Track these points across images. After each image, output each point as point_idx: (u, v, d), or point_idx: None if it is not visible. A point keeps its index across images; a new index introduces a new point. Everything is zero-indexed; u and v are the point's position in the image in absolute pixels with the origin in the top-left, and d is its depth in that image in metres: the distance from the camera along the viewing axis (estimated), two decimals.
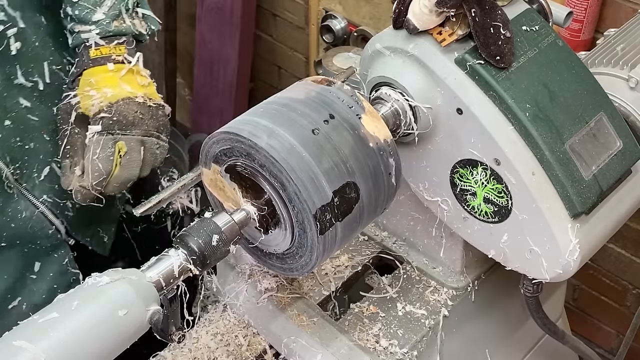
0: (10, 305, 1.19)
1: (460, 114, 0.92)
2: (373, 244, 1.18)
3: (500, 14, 0.90)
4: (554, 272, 0.93)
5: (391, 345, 1.03)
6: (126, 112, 1.08)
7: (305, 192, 0.81)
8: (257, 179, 0.85)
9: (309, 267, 0.87)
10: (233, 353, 1.07)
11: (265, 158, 0.82)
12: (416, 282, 1.12)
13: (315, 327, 1.03)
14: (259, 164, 0.83)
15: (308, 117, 0.84)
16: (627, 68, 1.08)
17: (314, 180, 0.81)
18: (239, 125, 0.85)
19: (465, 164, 0.94)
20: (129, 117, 1.08)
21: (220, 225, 0.83)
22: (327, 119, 0.85)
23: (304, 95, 0.87)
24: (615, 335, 2.14)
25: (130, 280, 0.76)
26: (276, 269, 0.93)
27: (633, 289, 2.01)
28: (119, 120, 1.08)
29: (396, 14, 0.93)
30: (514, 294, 1.10)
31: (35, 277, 1.21)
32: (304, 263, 0.87)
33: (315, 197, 0.81)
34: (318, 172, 0.81)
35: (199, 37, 2.61)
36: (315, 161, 0.82)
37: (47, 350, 0.70)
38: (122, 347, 0.76)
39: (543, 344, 1.31)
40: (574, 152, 0.91)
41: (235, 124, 0.86)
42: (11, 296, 1.19)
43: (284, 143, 0.81)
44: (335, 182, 0.83)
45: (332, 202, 0.82)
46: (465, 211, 0.98)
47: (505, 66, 0.90)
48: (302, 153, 0.81)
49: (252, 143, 0.82)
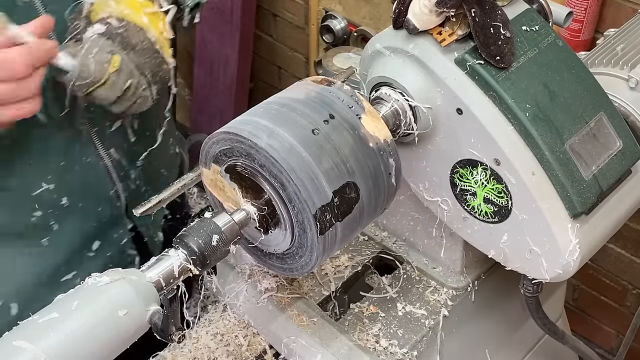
0: (63, 278, 1.19)
1: (460, 114, 0.92)
2: (373, 244, 1.18)
3: (500, 14, 0.90)
4: (554, 272, 0.93)
5: (391, 345, 1.03)
6: (133, 36, 1.02)
7: (305, 192, 0.81)
8: (257, 179, 0.85)
9: (309, 267, 0.87)
10: (233, 353, 1.07)
11: (265, 158, 0.82)
12: (416, 282, 1.12)
13: (315, 327, 1.03)
14: (259, 164, 0.83)
15: (308, 117, 0.84)
16: (627, 68, 1.08)
17: (314, 180, 0.81)
18: (239, 125, 0.85)
19: (465, 164, 0.94)
20: (133, 41, 1.02)
21: (220, 225, 0.83)
22: (327, 119, 0.85)
23: (304, 95, 0.87)
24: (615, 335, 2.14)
25: (130, 280, 0.76)
26: (276, 269, 0.93)
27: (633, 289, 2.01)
28: (124, 38, 1.02)
29: (396, 14, 0.93)
30: (514, 294, 1.10)
31: (92, 255, 1.21)
32: (304, 263, 0.87)
33: (315, 197, 0.81)
34: (318, 172, 0.81)
35: (199, 37, 2.61)
36: (315, 161, 0.82)
37: (47, 350, 0.70)
38: (122, 347, 0.76)
39: (543, 344, 1.31)
40: (574, 152, 0.91)
41: (235, 124, 0.86)
42: (66, 269, 1.19)
43: (283, 143, 0.81)
44: (335, 182, 0.83)
45: (332, 202, 0.82)
46: (465, 211, 0.98)
47: (505, 66, 0.90)
48: (302, 153, 0.81)
49: (252, 143, 0.82)
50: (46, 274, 1.17)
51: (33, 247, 1.15)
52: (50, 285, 1.17)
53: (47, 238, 1.15)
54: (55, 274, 1.18)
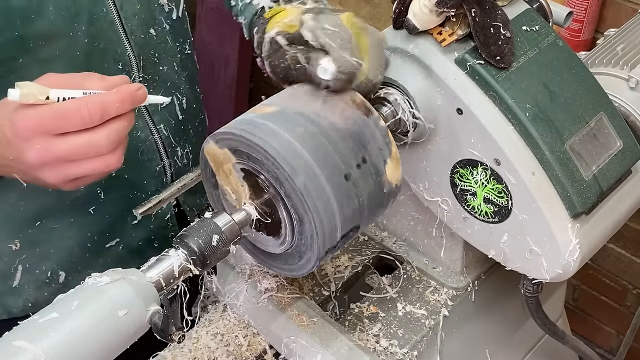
0: (107, 245, 1.19)
1: (460, 114, 0.92)
2: (373, 244, 1.18)
3: (500, 14, 0.90)
4: (554, 272, 0.93)
5: (391, 345, 1.03)
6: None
7: (322, 240, 0.82)
8: (260, 178, 0.84)
9: (309, 267, 0.87)
10: (233, 353, 1.07)
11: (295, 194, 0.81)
12: (416, 282, 1.12)
13: (315, 327, 1.03)
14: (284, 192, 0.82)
15: (344, 156, 0.83)
16: (627, 68, 1.08)
17: (332, 227, 0.83)
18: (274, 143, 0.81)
19: (465, 164, 0.94)
20: None
21: (220, 226, 0.83)
22: (360, 162, 0.84)
23: (342, 123, 0.85)
24: (615, 335, 2.14)
25: (130, 280, 0.76)
26: (276, 269, 0.93)
27: (633, 289, 2.02)
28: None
29: (396, 14, 0.93)
30: (514, 294, 1.10)
31: (135, 223, 1.21)
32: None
33: (327, 242, 0.83)
34: (338, 220, 0.83)
35: (199, 37, 2.61)
36: (339, 209, 0.82)
37: (47, 350, 0.70)
38: (122, 347, 0.76)
39: (543, 344, 1.31)
40: (574, 152, 0.91)
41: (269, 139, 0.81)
42: (109, 235, 1.19)
43: (318, 188, 0.81)
44: (346, 227, 0.85)
45: (337, 245, 0.85)
46: (465, 211, 0.98)
47: (505, 66, 0.90)
48: (331, 200, 0.81)
49: (288, 177, 0.80)
50: (91, 241, 1.18)
51: (80, 217, 1.15)
52: (95, 252, 1.18)
53: (93, 207, 1.14)
54: (99, 241, 1.18)
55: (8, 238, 1.10)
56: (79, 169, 0.82)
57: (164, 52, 1.16)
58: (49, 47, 0.98)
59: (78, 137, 0.80)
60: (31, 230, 1.10)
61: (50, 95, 0.80)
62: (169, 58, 1.17)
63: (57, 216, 1.12)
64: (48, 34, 0.97)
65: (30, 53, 0.97)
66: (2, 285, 1.13)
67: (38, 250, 1.13)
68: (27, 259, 1.12)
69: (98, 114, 0.79)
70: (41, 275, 1.15)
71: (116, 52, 1.06)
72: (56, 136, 0.79)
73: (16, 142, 0.81)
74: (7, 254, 1.11)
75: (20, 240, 1.10)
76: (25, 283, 1.14)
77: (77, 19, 0.99)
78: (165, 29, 1.15)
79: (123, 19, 1.05)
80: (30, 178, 0.85)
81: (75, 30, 0.99)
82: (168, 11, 1.15)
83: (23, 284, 1.14)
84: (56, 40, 0.98)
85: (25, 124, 0.79)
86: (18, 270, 1.12)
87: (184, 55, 1.22)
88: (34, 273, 1.14)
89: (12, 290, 1.14)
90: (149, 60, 1.12)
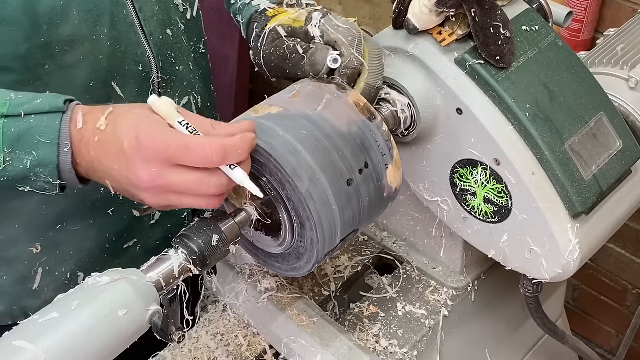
0: (125, 245, 1.19)
1: (460, 114, 0.92)
2: (373, 244, 1.18)
3: (500, 14, 0.90)
4: (554, 272, 0.93)
5: (391, 345, 1.03)
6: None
7: (322, 244, 0.83)
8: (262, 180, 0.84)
9: (307, 268, 0.87)
10: (233, 353, 1.07)
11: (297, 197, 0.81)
12: (416, 282, 1.12)
13: (315, 327, 1.03)
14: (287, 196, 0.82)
15: (347, 161, 0.83)
16: (627, 68, 1.08)
17: (332, 231, 0.83)
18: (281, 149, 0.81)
19: (465, 164, 0.94)
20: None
21: (221, 226, 0.83)
22: (362, 168, 0.85)
23: (346, 128, 0.85)
24: (615, 335, 2.14)
25: (130, 280, 0.76)
26: (276, 269, 0.94)
27: (633, 289, 2.02)
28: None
29: (396, 14, 0.93)
30: (514, 294, 1.10)
31: (153, 223, 1.21)
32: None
33: (326, 245, 0.84)
34: (338, 225, 0.83)
35: None
36: (340, 213, 0.83)
37: (47, 350, 0.70)
38: (122, 347, 0.76)
39: (543, 344, 1.31)
40: (574, 152, 0.91)
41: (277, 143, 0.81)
42: (128, 236, 1.18)
43: (322, 194, 0.81)
44: (345, 231, 0.85)
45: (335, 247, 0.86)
46: (465, 211, 0.98)
47: (505, 66, 0.90)
48: (333, 206, 0.82)
49: (293, 183, 0.80)
50: (110, 242, 1.17)
51: (99, 219, 1.15)
52: (113, 253, 1.17)
53: (112, 209, 1.14)
54: (118, 242, 1.18)
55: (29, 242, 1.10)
56: (180, 201, 0.81)
57: (179, 52, 1.16)
58: (73, 52, 0.98)
59: (193, 173, 0.78)
60: (52, 233, 1.10)
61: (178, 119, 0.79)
62: (184, 58, 1.17)
63: (77, 218, 1.12)
64: (72, 39, 0.97)
65: (55, 59, 0.96)
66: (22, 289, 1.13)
67: (58, 252, 1.12)
68: (47, 261, 1.12)
69: (220, 156, 0.77)
70: (61, 277, 1.14)
71: (136, 54, 1.06)
72: (174, 166, 0.78)
73: (134, 159, 0.79)
74: (27, 258, 1.11)
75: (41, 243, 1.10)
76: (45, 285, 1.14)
77: (99, 22, 0.99)
78: (181, 29, 1.15)
79: (142, 21, 1.05)
80: (125, 191, 0.84)
81: (98, 34, 0.99)
82: (183, 11, 1.16)
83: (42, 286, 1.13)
84: (80, 45, 0.98)
85: (149, 144, 0.78)
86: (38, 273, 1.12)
87: (198, 54, 1.22)
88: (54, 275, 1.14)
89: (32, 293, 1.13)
90: (166, 60, 1.12)
